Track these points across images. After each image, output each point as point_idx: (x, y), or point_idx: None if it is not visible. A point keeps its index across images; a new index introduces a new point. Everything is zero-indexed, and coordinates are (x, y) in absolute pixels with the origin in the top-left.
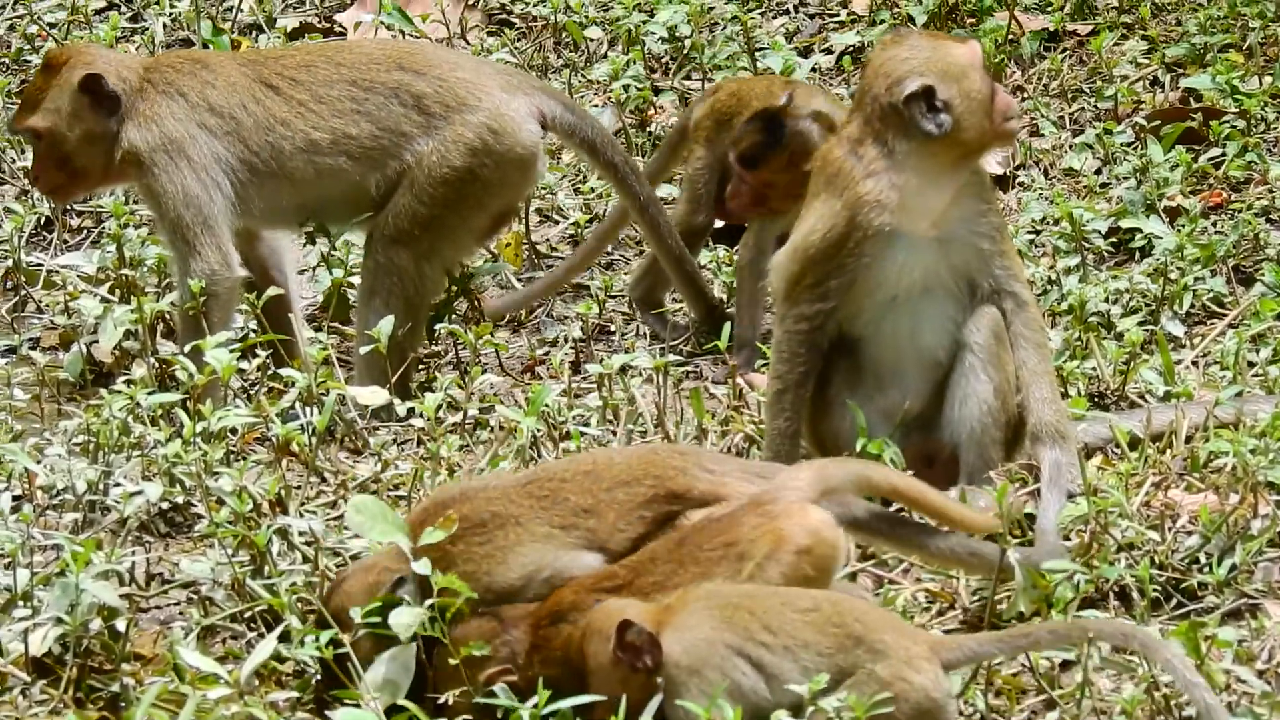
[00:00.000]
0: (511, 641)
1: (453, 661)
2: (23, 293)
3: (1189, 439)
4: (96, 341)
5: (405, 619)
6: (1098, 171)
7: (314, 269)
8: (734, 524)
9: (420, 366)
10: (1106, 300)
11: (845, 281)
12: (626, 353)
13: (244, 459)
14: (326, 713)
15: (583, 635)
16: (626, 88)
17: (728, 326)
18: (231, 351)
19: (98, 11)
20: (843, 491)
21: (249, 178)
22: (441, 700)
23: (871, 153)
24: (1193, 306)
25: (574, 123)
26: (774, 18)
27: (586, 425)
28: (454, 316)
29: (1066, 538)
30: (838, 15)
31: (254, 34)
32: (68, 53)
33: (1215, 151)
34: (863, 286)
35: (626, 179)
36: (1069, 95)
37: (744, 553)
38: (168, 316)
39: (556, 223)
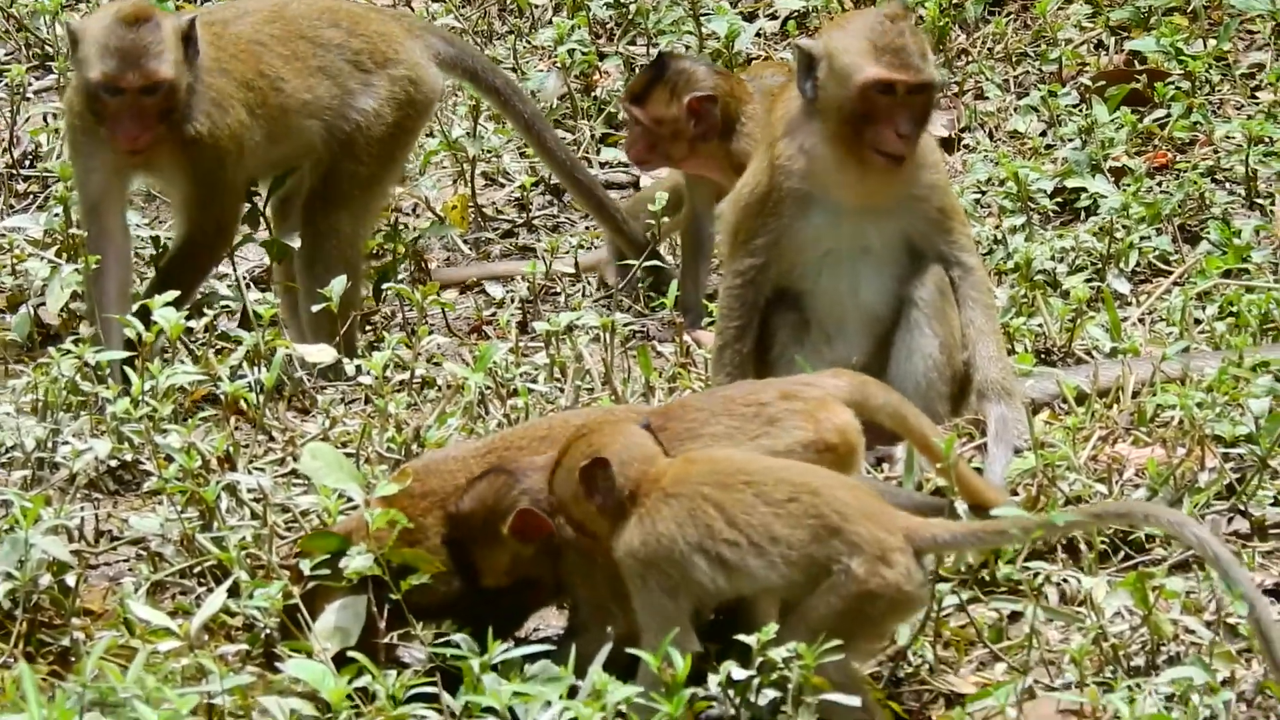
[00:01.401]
0: (530, 490)
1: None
2: None
3: (1135, 394)
4: (44, 304)
5: (357, 564)
6: (1043, 134)
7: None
8: (770, 390)
9: (367, 327)
10: (1052, 258)
11: (770, 240)
12: (573, 311)
13: (192, 417)
14: (277, 664)
15: (572, 442)
16: (571, 53)
17: (674, 284)
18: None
19: None
20: (873, 413)
21: (258, 139)
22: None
23: (791, 114)
24: (1138, 264)
25: (456, 55)
26: None
27: (534, 382)
28: (400, 278)
29: (1014, 492)
30: None
31: (199, 0)
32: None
33: (1160, 113)
34: (789, 245)
35: (510, 100)
36: (1014, 59)
37: (774, 418)
38: None
39: (502, 185)
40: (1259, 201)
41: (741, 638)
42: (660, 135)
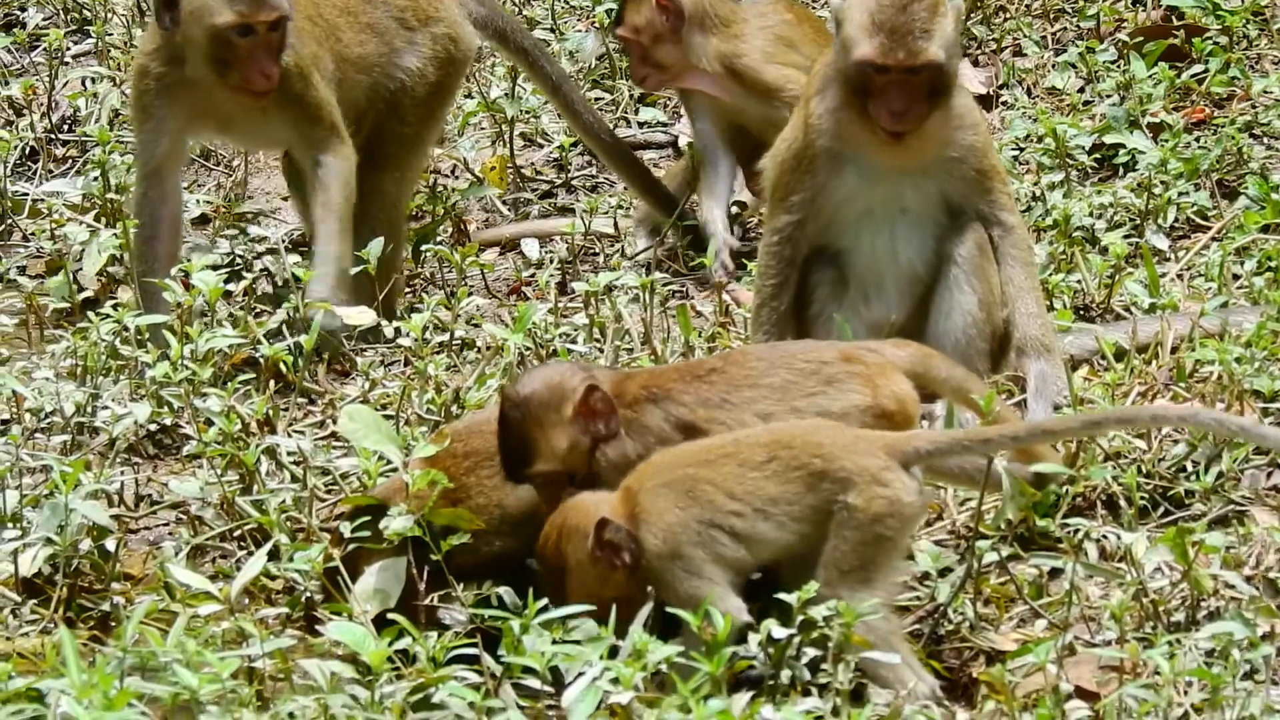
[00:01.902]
0: (595, 377)
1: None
2: (9, 221)
3: (1174, 350)
4: (82, 269)
5: (397, 525)
6: (1080, 90)
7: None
8: (832, 350)
9: (406, 290)
10: (1091, 215)
11: (807, 197)
12: (612, 271)
13: (231, 381)
14: (317, 627)
15: (559, 535)
16: (609, 12)
17: (713, 243)
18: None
19: None
20: (938, 385)
21: (326, 76)
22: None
23: (825, 72)
24: (1176, 220)
25: (486, 14)
26: None
27: (573, 343)
28: (439, 239)
29: (1054, 448)
30: None
31: None
32: None
33: (1198, 68)
34: (825, 203)
35: (538, 61)
36: (1051, 15)
37: (832, 378)
38: None
39: (541, 146)
40: None
41: (782, 596)
42: (646, 46)
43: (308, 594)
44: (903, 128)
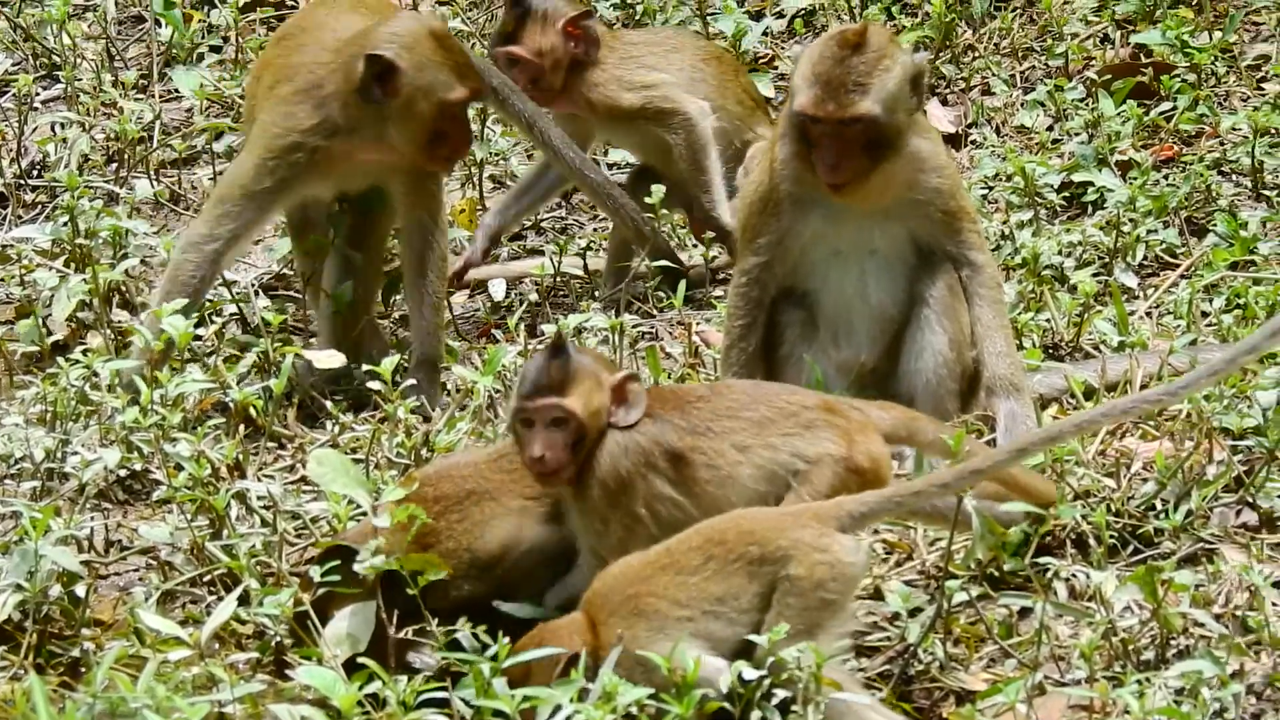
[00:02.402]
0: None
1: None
2: None
3: (1144, 387)
4: (51, 314)
5: (371, 562)
6: (1049, 128)
7: (268, 238)
8: (815, 398)
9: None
10: (1060, 253)
11: (774, 239)
12: (581, 313)
13: (201, 425)
14: (287, 672)
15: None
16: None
17: (683, 284)
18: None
19: None
20: (926, 448)
21: None
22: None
23: (785, 117)
24: (1145, 258)
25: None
26: None
27: None
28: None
29: (1044, 473)
30: None
31: (205, 8)
32: None
33: (1166, 106)
34: (792, 245)
35: (509, 100)
36: (1019, 54)
37: (810, 423)
38: (122, 287)
39: (510, 189)
40: (1265, 193)
41: (752, 638)
42: (541, 68)
43: (278, 639)
44: (838, 180)
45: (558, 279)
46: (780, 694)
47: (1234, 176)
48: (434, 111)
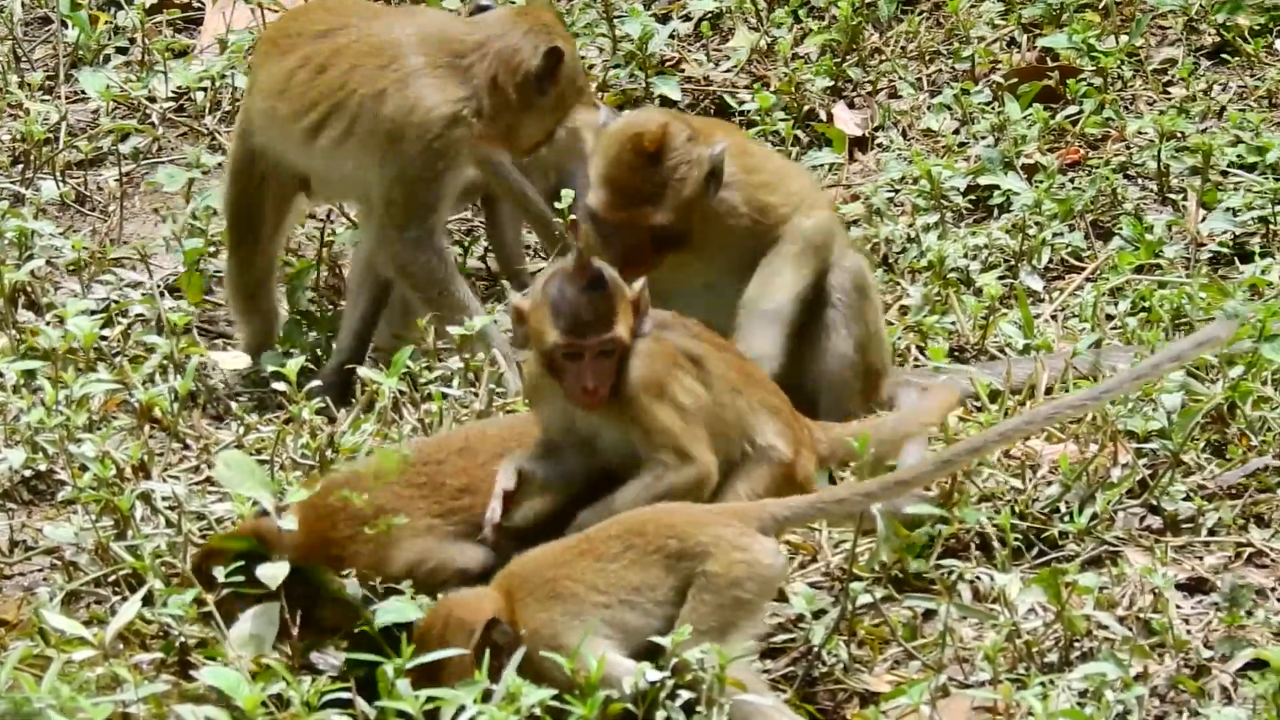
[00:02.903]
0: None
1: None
2: None
3: (1049, 390)
4: None
5: (272, 572)
6: (956, 131)
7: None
8: (788, 404)
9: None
10: (965, 256)
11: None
12: (487, 315)
13: (107, 425)
14: (191, 672)
15: (445, 625)
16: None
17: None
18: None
19: None
20: (855, 469)
21: None
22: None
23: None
24: (1051, 261)
25: None
26: None
27: (448, 386)
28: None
29: (927, 487)
30: None
31: (112, 9)
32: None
33: (1072, 109)
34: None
35: None
36: (926, 57)
37: (775, 410)
38: (27, 288)
39: None
40: (1171, 197)
41: (656, 639)
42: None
43: (182, 639)
44: (628, 272)
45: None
46: (685, 695)
47: (1139, 180)
48: (574, 104)
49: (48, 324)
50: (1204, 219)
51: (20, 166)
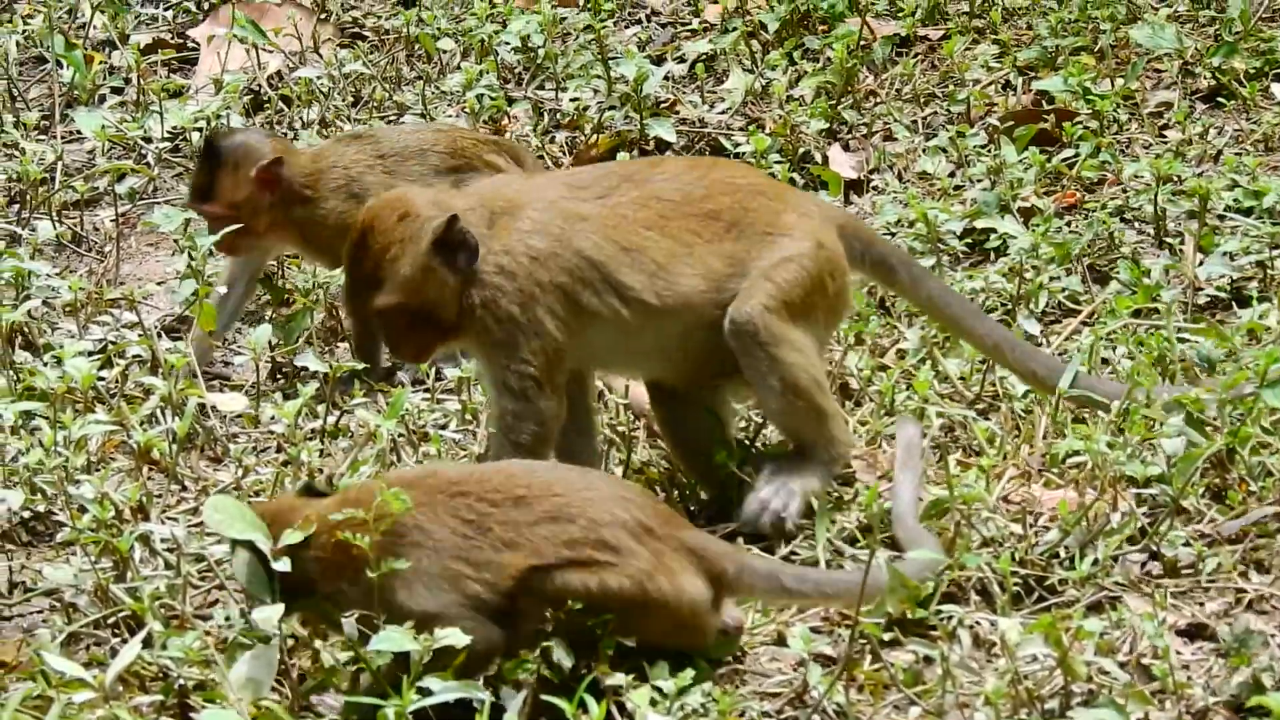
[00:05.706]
0: None
1: None
2: None
3: (1045, 435)
4: None
5: (267, 614)
6: (951, 174)
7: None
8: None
9: (280, 375)
10: None
11: None
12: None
13: (105, 467)
14: (191, 715)
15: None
16: (480, 98)
17: None
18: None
19: None
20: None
21: None
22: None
23: None
24: (1048, 304)
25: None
26: (626, 27)
27: (444, 428)
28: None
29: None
30: (690, 24)
31: (107, 50)
32: None
33: (1068, 152)
34: None
35: None
36: (921, 100)
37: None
38: (24, 328)
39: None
40: (1168, 240)
41: (659, 684)
42: (241, 219)
43: (181, 681)
44: (412, 360)
45: None
46: None
47: (1136, 224)
48: None
49: (45, 365)
50: (1201, 263)
51: (16, 207)
